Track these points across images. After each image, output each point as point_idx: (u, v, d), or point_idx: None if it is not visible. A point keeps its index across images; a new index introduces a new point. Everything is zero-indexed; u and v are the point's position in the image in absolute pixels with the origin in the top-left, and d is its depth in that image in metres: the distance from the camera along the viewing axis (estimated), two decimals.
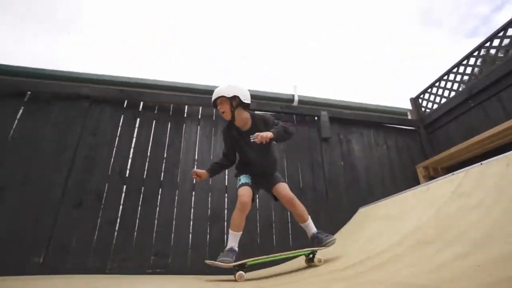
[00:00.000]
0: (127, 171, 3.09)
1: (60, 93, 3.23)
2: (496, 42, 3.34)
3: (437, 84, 4.15)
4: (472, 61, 3.63)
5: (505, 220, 1.22)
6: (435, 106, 4.17)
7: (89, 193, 2.89)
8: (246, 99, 2.27)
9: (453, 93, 3.87)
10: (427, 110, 4.33)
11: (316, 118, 3.94)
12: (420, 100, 4.48)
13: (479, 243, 1.13)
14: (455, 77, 3.86)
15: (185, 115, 3.54)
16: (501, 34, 3.28)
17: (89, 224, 2.77)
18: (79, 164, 2.97)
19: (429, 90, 4.30)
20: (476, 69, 3.60)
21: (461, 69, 3.78)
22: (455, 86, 3.86)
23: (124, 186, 3.01)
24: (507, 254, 0.88)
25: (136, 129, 3.31)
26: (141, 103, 3.45)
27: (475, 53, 3.58)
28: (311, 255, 2.14)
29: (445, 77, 4.01)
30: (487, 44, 3.44)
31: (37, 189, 2.78)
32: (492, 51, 3.40)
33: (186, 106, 3.57)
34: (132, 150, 3.19)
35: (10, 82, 3.23)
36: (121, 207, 2.91)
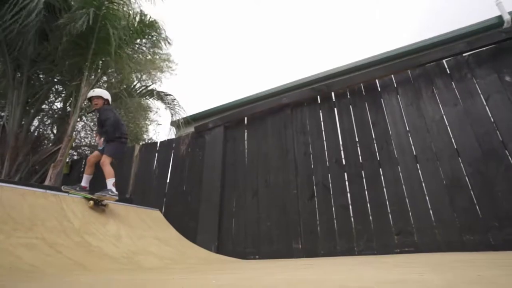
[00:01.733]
0: (343, 159, 3.24)
1: (266, 109, 3.87)
2: None
3: None
4: None
5: None
6: None
7: (317, 184, 3.24)
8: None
9: None
10: None
11: None
12: None
13: None
14: None
15: (379, 89, 3.37)
16: None
17: (325, 211, 3.09)
18: (301, 161, 3.40)
19: None
20: None
21: None
22: None
23: (345, 173, 3.17)
24: None
25: (337, 118, 3.45)
26: (332, 93, 3.58)
27: None
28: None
29: None
30: None
31: (277, 189, 3.40)
32: None
33: (377, 80, 3.40)
34: (340, 139, 3.34)
35: (233, 114, 4.18)
36: (348, 193, 3.08)
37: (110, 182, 3.15)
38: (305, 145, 3.46)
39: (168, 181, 4.29)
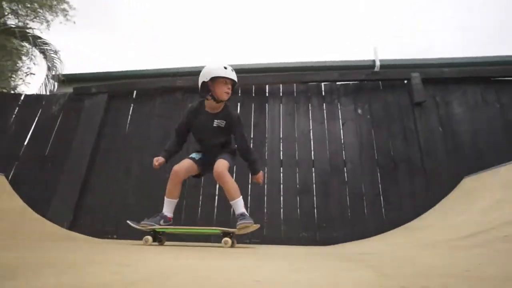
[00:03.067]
0: None
1: (159, 88, 3.71)
2: None
3: None
4: None
5: None
6: None
7: None
8: None
9: None
10: None
11: (405, 81, 3.56)
12: None
13: None
14: None
15: (267, 94, 3.65)
16: None
17: (193, 198, 3.20)
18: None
19: None
20: None
21: None
22: None
23: None
24: None
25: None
26: None
27: None
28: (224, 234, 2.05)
29: None
30: None
31: (152, 170, 3.32)
32: None
33: (267, 86, 3.67)
34: None
35: (122, 85, 3.85)
36: (217, 184, 3.25)
37: (241, 203, 2.15)
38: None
39: (26, 142, 3.67)
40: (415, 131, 3.32)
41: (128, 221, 2.27)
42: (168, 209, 2.24)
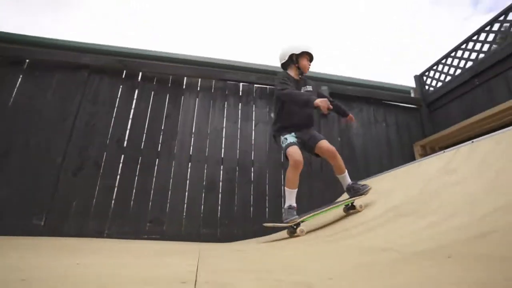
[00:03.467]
0: (125, 141, 3.16)
1: (60, 62, 3.25)
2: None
3: (443, 61, 4.01)
4: (482, 36, 3.47)
5: (481, 194, 1.24)
6: (440, 84, 4.06)
7: (89, 159, 2.99)
8: None
9: (458, 71, 3.75)
10: (431, 89, 4.22)
11: (316, 93, 3.88)
12: (424, 78, 4.36)
13: (454, 214, 1.16)
14: (462, 54, 3.72)
15: (184, 87, 3.54)
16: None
17: (88, 189, 2.89)
18: (79, 131, 3.05)
19: (434, 68, 4.17)
20: (485, 46, 3.44)
21: (470, 45, 3.62)
22: (462, 63, 3.72)
23: (122, 155, 3.10)
24: (467, 224, 0.91)
25: (134, 100, 3.34)
26: (140, 74, 3.45)
27: (487, 28, 3.41)
28: (349, 205, 2.38)
29: (452, 54, 3.86)
30: (501, 18, 3.26)
31: (38, 153, 2.89)
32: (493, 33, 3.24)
33: (185, 78, 3.56)
34: (130, 121, 3.25)
35: (9, 50, 3.26)
36: (118, 176, 3.02)
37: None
38: (90, 116, 3.13)
39: None
40: None
41: (265, 224, 2.31)
42: (293, 200, 2.31)
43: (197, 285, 0.55)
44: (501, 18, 3.26)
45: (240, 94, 3.66)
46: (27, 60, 3.20)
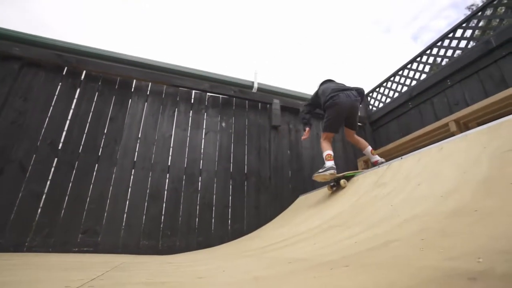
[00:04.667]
0: (60, 143, 2.88)
1: None
2: (435, 51, 3.61)
3: (384, 84, 4.40)
4: (414, 66, 3.89)
5: (400, 206, 1.35)
6: (381, 105, 4.43)
7: (13, 161, 2.66)
8: None
9: (396, 94, 4.13)
10: (374, 108, 4.58)
11: (268, 105, 3.98)
12: (369, 98, 4.72)
13: (373, 225, 1.23)
14: (399, 79, 4.12)
15: (132, 90, 3.37)
16: (438, 44, 3.54)
17: (9, 196, 2.56)
18: (3, 129, 2.71)
19: (377, 89, 4.55)
20: (416, 74, 3.86)
21: (405, 72, 4.03)
22: (399, 87, 4.12)
23: (56, 159, 2.81)
24: (379, 233, 0.97)
25: (75, 99, 3.09)
26: (84, 72, 3.21)
27: (418, 59, 3.83)
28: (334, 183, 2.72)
29: (392, 78, 4.26)
30: (428, 52, 3.69)
31: None
32: (430, 60, 3.67)
33: (135, 81, 3.40)
34: (68, 122, 2.98)
35: None
36: (49, 181, 2.73)
37: None
38: (18, 113, 2.81)
39: None
40: (268, 150, 3.71)
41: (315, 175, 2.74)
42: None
43: None
44: (428, 51, 3.69)
45: (192, 101, 3.59)
46: None
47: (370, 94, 4.70)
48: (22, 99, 2.87)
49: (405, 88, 3.99)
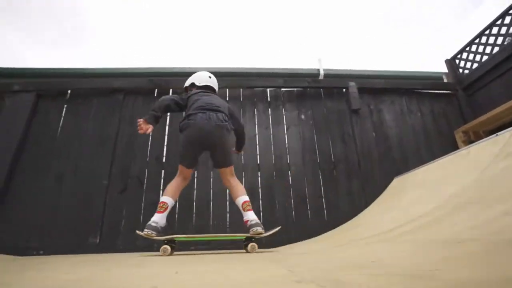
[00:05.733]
0: (164, 157, 3.27)
1: (96, 89, 3.45)
2: None
3: (476, 41, 3.81)
4: None
5: None
6: (475, 65, 3.85)
7: (132, 178, 3.12)
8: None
9: (496, 49, 3.54)
10: (466, 71, 4.02)
11: (344, 90, 3.83)
12: (457, 61, 4.16)
13: None
14: (499, 30, 3.51)
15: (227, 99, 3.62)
16: None
17: (134, 206, 3.01)
18: (120, 152, 3.20)
19: (467, 49, 3.97)
20: None
21: (507, 19, 3.41)
22: (499, 40, 3.51)
23: (162, 171, 3.20)
24: None
25: (168, 116, 3.46)
26: (170, 91, 3.57)
27: None
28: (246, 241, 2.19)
29: (487, 32, 3.67)
30: None
31: (87, 177, 3.07)
32: None
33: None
34: (166, 137, 3.36)
35: (53, 83, 3.50)
36: (161, 190, 3.12)
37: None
38: (129, 136, 3.28)
39: None
40: (352, 135, 3.58)
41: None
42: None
43: None
44: None
45: (269, 99, 3.67)
46: (69, 91, 3.43)
47: (458, 56, 4.13)
48: (129, 124, 3.33)
49: (508, 40, 3.38)
